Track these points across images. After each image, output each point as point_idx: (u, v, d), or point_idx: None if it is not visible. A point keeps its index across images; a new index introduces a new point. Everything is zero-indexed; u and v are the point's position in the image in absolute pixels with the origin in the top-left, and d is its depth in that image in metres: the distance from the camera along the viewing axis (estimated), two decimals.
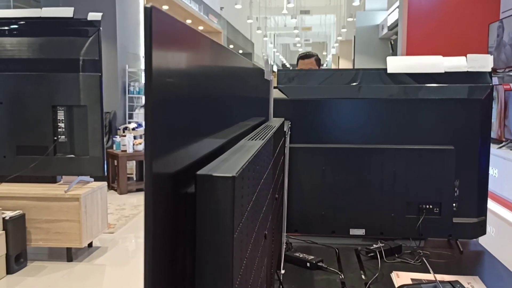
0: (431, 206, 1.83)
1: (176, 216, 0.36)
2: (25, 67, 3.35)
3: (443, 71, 1.93)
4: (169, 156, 0.35)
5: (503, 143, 3.59)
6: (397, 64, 1.95)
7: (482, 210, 1.89)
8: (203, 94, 0.50)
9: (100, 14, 3.38)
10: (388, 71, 1.94)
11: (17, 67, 3.36)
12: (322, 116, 1.91)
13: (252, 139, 0.63)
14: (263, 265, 0.68)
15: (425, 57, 1.97)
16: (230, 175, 0.37)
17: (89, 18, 3.34)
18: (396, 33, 11.53)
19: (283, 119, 1.57)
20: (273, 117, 1.57)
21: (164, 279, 0.35)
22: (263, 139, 0.64)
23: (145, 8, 0.32)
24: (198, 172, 0.38)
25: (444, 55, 1.96)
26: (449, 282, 1.25)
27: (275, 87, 2.00)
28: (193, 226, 0.38)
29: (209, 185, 0.37)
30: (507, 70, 5.14)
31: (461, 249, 1.82)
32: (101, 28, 3.32)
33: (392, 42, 12.40)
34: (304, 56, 3.72)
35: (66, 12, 3.31)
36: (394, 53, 12.03)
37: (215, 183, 0.37)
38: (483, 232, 1.89)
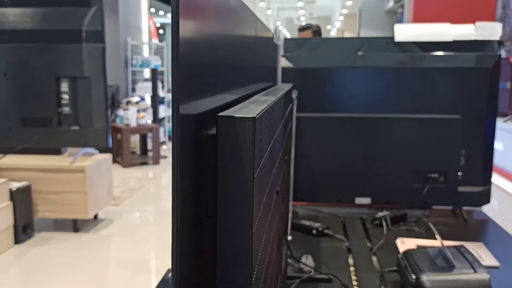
0: (437, 175, 1.84)
1: (198, 155, 0.37)
2: (28, 38, 3.33)
3: (451, 40, 1.91)
4: (192, 102, 0.36)
5: (508, 116, 3.58)
6: (404, 32, 1.93)
7: (487, 179, 1.90)
8: (222, 50, 0.50)
9: None
10: (396, 40, 1.92)
11: (21, 38, 3.33)
12: (328, 85, 1.91)
13: (265, 96, 0.63)
14: (274, 221, 0.69)
15: (433, 25, 1.95)
16: (251, 116, 0.37)
17: None
18: (402, 6, 11.37)
19: (291, 84, 1.57)
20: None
21: (189, 214, 0.36)
22: (275, 96, 0.64)
23: None
24: (220, 114, 0.38)
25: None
26: (454, 246, 1.26)
27: (281, 56, 1.99)
28: (215, 165, 0.38)
29: (230, 126, 0.37)
30: (509, 43, 5.09)
31: (465, 217, 1.84)
32: None
33: (398, 16, 12.24)
34: (302, 28, 3.70)
35: None
36: None
37: (236, 124, 0.37)
38: (487, 200, 1.91)
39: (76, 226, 3.62)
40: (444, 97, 1.84)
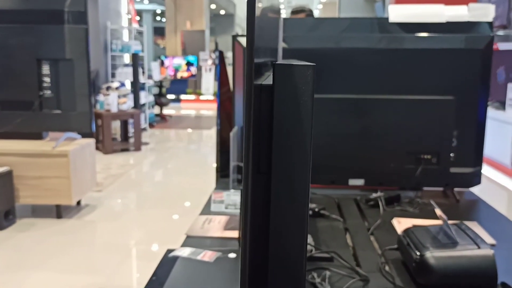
0: (429, 156, 1.85)
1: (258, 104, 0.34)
2: (8, 18, 3.21)
3: (444, 21, 1.91)
4: None
5: (489, 103, 3.63)
6: (399, 13, 1.92)
7: (478, 160, 1.92)
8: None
9: None
10: (390, 20, 1.91)
11: (0, 18, 3.22)
12: (321, 66, 1.88)
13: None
14: None
15: (426, 6, 1.94)
16: (310, 64, 0.35)
17: None
18: None
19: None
20: None
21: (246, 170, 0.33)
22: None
23: None
24: (277, 62, 0.36)
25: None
26: (455, 223, 1.26)
27: None
28: (269, 119, 0.35)
29: (289, 75, 0.35)
30: (495, 29, 5.14)
31: (457, 198, 1.85)
32: None
33: (376, 2, 12.28)
34: (295, 11, 3.66)
35: None
36: (380, 15, 11.92)
37: (294, 72, 0.35)
38: (478, 181, 1.92)
39: (59, 212, 3.55)
40: (436, 78, 1.84)
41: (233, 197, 1.76)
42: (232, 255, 1.24)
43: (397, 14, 1.92)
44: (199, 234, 1.47)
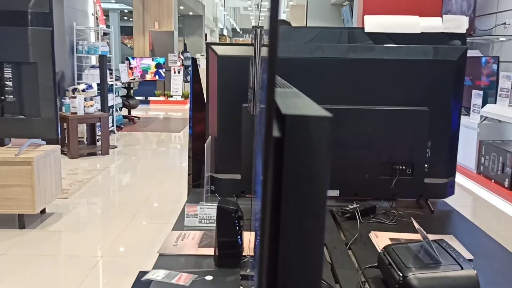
0: (404, 167, 1.85)
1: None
2: None
3: (419, 32, 1.91)
4: None
5: None
6: (374, 23, 1.91)
7: (451, 171, 1.93)
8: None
9: None
10: (366, 30, 1.90)
11: None
12: (294, 75, 1.86)
13: (284, 88, 0.57)
14: None
15: (402, 17, 1.94)
16: (326, 114, 0.31)
17: None
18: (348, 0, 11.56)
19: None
20: None
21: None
22: (291, 87, 0.58)
23: None
24: (287, 113, 0.31)
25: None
26: (435, 241, 1.25)
27: (245, 44, 1.92)
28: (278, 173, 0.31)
29: (302, 127, 0.31)
30: None
31: (432, 209, 1.86)
32: None
33: (343, 6, 12.43)
34: None
35: None
36: (346, 19, 12.06)
37: (309, 124, 0.31)
38: (451, 192, 1.94)
39: (22, 222, 3.39)
40: (411, 89, 1.84)
41: (207, 210, 1.70)
42: (208, 277, 1.19)
43: (372, 24, 1.91)
44: (173, 252, 1.41)
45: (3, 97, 3.20)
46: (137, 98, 9.86)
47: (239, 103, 1.80)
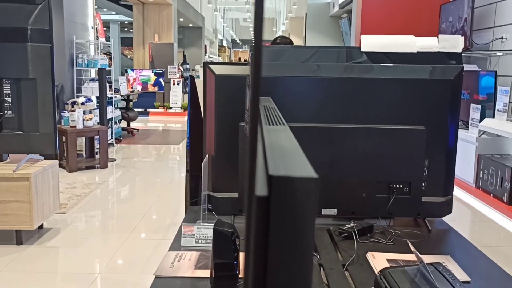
0: (401, 186, 1.85)
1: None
2: None
3: (415, 51, 1.93)
4: None
5: None
6: (371, 42, 1.93)
7: (448, 189, 1.93)
8: None
9: None
10: (362, 50, 1.91)
11: None
12: (292, 94, 1.87)
13: (271, 124, 0.57)
14: None
15: (398, 37, 1.95)
16: (313, 176, 0.31)
17: None
18: (346, 12, 11.64)
19: (269, 98, 1.52)
20: None
21: None
22: (283, 124, 0.58)
23: None
24: (273, 173, 0.32)
25: (397, 33, 1.97)
26: (432, 264, 1.24)
27: (242, 63, 1.93)
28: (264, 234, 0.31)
29: (289, 188, 0.31)
30: None
31: (430, 228, 1.85)
32: None
33: (342, 21, 12.52)
34: (279, 43, 3.64)
35: None
36: (345, 31, 12.14)
37: (295, 185, 0.31)
38: (449, 211, 1.94)
39: (19, 238, 3.38)
40: (407, 107, 1.85)
41: (204, 230, 1.70)
42: None
43: (369, 43, 1.93)
44: (169, 274, 1.41)
45: (1, 113, 3.21)
46: (136, 109, 9.89)
47: (237, 122, 1.81)
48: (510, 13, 5.35)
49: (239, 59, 36.29)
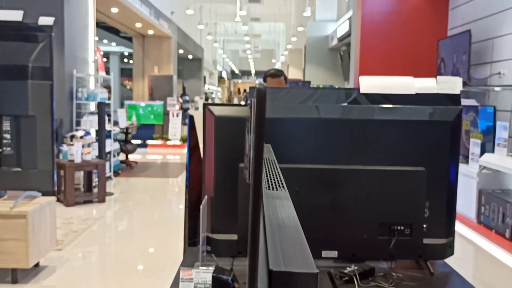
0: (402, 227, 1.83)
1: None
2: None
3: (414, 93, 1.94)
4: None
5: None
6: (369, 84, 1.94)
7: (450, 231, 1.91)
8: None
9: (52, 19, 3.18)
10: (361, 91, 1.93)
11: None
12: (291, 136, 1.87)
13: (271, 188, 0.56)
14: None
15: (396, 78, 1.97)
16: (313, 271, 0.31)
17: (40, 23, 3.13)
18: (345, 44, 11.81)
19: (268, 145, 1.52)
20: None
21: None
22: (283, 187, 0.57)
23: None
24: (273, 268, 0.31)
25: (396, 68, 1.99)
26: None
27: (236, 105, 1.94)
28: None
29: (289, 283, 0.30)
30: None
31: (432, 270, 1.83)
32: (53, 34, 3.12)
33: (342, 53, 12.69)
34: (274, 75, 3.65)
35: (15, 15, 3.09)
36: (344, 64, 12.30)
37: (295, 280, 0.30)
38: (451, 252, 1.91)
39: (15, 276, 3.32)
40: (407, 149, 1.85)
41: (203, 275, 1.67)
42: None
43: (367, 85, 1.94)
44: None
45: (0, 150, 3.20)
46: (135, 141, 9.90)
47: (236, 163, 1.80)
48: (506, 48, 5.43)
49: (238, 90, 36.55)
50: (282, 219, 0.50)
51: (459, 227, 4.73)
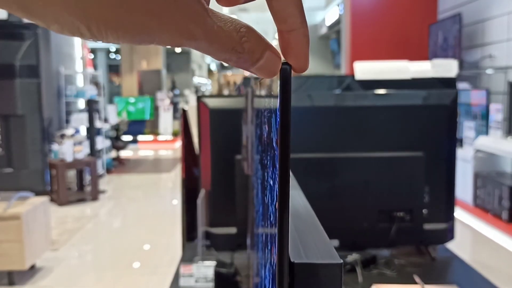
0: (402, 214, 1.82)
1: None
2: None
3: (409, 77, 1.92)
4: None
5: None
6: (364, 70, 1.92)
7: (450, 215, 1.90)
8: None
9: None
10: (356, 78, 1.91)
11: None
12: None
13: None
14: None
15: (391, 63, 1.95)
16: (338, 262, 0.29)
17: (25, 20, 3.06)
18: (335, 32, 11.78)
19: None
20: None
21: None
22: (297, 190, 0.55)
23: None
24: (295, 260, 0.29)
25: (387, 54, 1.97)
26: None
27: (231, 96, 1.91)
28: None
29: (312, 276, 0.28)
30: None
31: (432, 256, 1.82)
32: (39, 31, 3.06)
33: (331, 39, 12.66)
34: None
35: (0, 13, 3.03)
36: (335, 52, 12.28)
37: (319, 272, 0.28)
38: (451, 236, 1.91)
39: (11, 278, 3.28)
40: (404, 134, 1.83)
41: (204, 269, 1.65)
42: None
43: (363, 71, 1.92)
44: None
45: None
46: (126, 137, 9.83)
47: (232, 155, 1.78)
48: (497, 30, 5.42)
49: (228, 82, 36.43)
50: (295, 208, 0.48)
51: (456, 211, 4.75)
